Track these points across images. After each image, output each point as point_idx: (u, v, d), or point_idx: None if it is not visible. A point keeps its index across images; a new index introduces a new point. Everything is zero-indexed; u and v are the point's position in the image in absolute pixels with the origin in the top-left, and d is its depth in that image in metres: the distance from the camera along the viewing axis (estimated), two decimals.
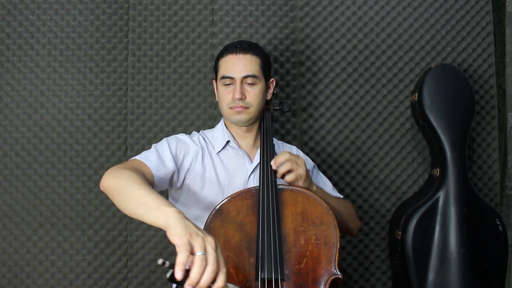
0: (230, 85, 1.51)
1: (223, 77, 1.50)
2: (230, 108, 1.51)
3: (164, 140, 1.51)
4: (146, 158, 1.39)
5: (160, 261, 0.91)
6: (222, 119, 1.64)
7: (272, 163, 1.40)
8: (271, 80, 1.61)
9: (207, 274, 0.91)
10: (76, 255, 1.94)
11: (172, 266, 0.91)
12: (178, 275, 0.88)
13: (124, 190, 1.15)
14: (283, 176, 1.41)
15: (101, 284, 1.95)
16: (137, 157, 1.41)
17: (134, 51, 1.99)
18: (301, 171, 1.40)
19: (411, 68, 2.08)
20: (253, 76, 1.50)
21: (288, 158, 1.40)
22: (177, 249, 0.93)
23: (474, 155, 2.10)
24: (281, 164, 1.40)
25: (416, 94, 1.93)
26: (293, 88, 2.03)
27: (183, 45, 2.01)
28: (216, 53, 1.97)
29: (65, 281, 1.93)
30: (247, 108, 1.50)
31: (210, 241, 0.96)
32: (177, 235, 0.95)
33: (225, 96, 1.51)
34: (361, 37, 2.07)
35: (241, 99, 1.48)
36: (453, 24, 2.10)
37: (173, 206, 1.05)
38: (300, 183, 1.41)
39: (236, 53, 1.50)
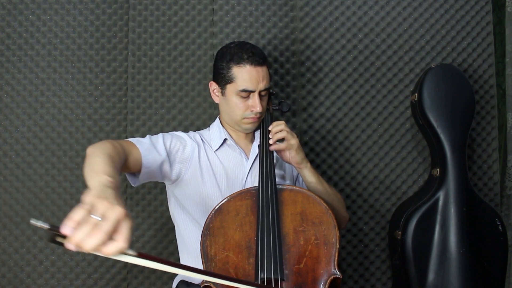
0: (247, 97, 1.50)
1: (244, 91, 1.48)
2: (245, 118, 1.52)
3: (160, 134, 1.52)
4: (138, 141, 1.41)
5: (37, 222, 0.80)
6: (217, 118, 1.65)
7: (270, 136, 1.48)
8: None
9: (92, 239, 0.81)
10: (76, 255, 1.94)
11: (53, 228, 0.81)
12: (65, 229, 0.80)
13: (90, 157, 1.15)
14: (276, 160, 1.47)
15: (101, 284, 1.95)
16: (130, 139, 1.43)
17: (134, 51, 1.99)
18: (293, 142, 1.48)
19: (411, 68, 2.08)
20: (269, 89, 1.54)
21: (284, 128, 1.48)
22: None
23: (474, 155, 2.09)
24: (276, 136, 1.48)
25: (416, 94, 1.93)
26: (293, 88, 2.03)
27: (183, 45, 2.01)
28: (215, 53, 1.97)
29: (65, 281, 1.93)
30: (260, 117, 1.54)
31: (116, 211, 0.85)
32: (87, 195, 0.88)
33: (240, 105, 1.51)
34: (361, 37, 2.07)
35: (260, 111, 1.50)
36: (453, 24, 2.10)
37: (113, 178, 1.01)
38: (292, 153, 1.48)
39: (254, 65, 1.48)
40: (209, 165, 1.53)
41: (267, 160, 1.44)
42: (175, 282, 1.58)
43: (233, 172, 1.54)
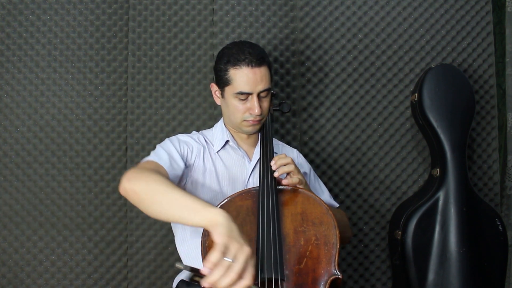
0: (246, 99, 1.47)
1: (241, 93, 1.45)
2: (244, 120, 1.50)
3: (167, 140, 1.51)
4: (159, 158, 1.39)
5: (180, 265, 0.98)
6: (221, 119, 1.64)
7: (272, 163, 1.40)
8: None
9: (227, 279, 0.97)
10: (76, 255, 1.94)
11: (190, 269, 1.00)
12: (205, 271, 0.97)
13: (158, 193, 1.17)
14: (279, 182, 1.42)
15: (101, 284, 1.95)
16: (149, 158, 1.40)
17: (134, 51, 1.99)
18: (299, 177, 1.40)
19: (411, 68, 2.08)
20: (268, 90, 1.49)
21: (290, 162, 1.40)
22: (214, 247, 1.00)
23: (474, 155, 2.10)
24: (281, 165, 1.40)
25: (416, 94, 1.93)
26: (293, 88, 2.03)
27: (183, 45, 2.01)
28: (216, 53, 1.97)
29: (65, 281, 1.93)
30: (261, 119, 1.51)
31: (245, 252, 1.01)
32: (220, 234, 1.01)
33: (239, 108, 1.48)
34: (361, 37, 2.07)
35: (260, 114, 1.48)
36: (453, 24, 2.10)
37: (216, 207, 1.11)
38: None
39: (252, 66, 1.43)
40: (212, 166, 1.52)
41: (268, 161, 1.44)
42: (175, 282, 1.58)
43: (235, 174, 1.53)
